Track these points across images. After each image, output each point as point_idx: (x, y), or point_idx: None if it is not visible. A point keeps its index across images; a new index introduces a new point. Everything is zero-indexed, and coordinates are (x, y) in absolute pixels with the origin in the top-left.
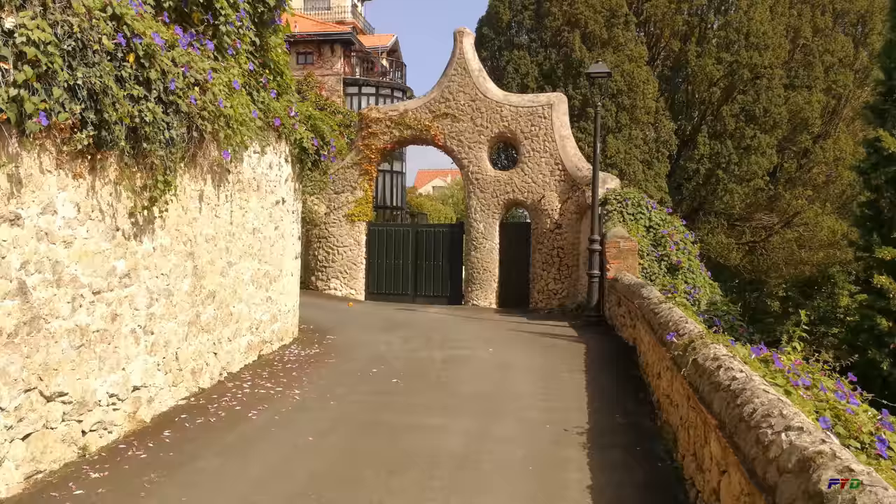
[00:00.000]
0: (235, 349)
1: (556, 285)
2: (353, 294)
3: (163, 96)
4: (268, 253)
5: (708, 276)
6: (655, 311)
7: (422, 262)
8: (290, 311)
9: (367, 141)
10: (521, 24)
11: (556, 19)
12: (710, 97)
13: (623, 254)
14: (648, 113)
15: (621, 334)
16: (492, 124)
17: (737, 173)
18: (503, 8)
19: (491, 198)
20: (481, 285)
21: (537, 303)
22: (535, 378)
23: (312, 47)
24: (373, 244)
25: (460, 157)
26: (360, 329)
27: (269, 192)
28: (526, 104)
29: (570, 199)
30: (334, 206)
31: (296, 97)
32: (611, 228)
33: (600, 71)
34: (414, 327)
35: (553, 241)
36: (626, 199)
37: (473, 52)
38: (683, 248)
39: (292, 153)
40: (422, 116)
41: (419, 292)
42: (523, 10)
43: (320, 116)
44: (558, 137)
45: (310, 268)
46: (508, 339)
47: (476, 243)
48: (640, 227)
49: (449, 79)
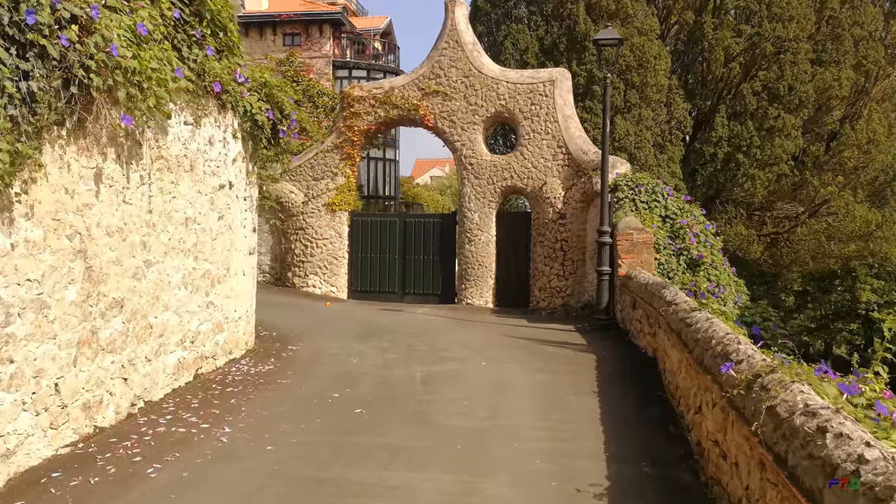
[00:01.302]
0: (158, 371)
1: (559, 282)
2: (335, 292)
3: (14, 33)
4: (208, 248)
5: (732, 272)
6: (688, 323)
7: (411, 257)
8: (243, 317)
9: (350, 122)
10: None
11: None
12: (728, 74)
13: (637, 247)
14: (660, 91)
15: (637, 342)
16: (487, 103)
17: (759, 157)
18: None
19: (487, 185)
20: (476, 282)
21: (538, 302)
22: (537, 404)
23: (299, 28)
24: (356, 236)
25: (452, 139)
26: (331, 336)
27: (210, 174)
28: (525, 81)
29: (574, 186)
30: (313, 193)
31: (245, 59)
32: (622, 218)
33: (610, 38)
34: (396, 333)
35: (556, 232)
36: (639, 186)
37: (467, 24)
38: (705, 241)
39: (243, 128)
40: (410, 94)
41: (407, 290)
42: None
43: (278, 84)
44: (561, 117)
45: (286, 262)
46: (505, 347)
47: (470, 235)
48: (656, 217)
49: (440, 53)
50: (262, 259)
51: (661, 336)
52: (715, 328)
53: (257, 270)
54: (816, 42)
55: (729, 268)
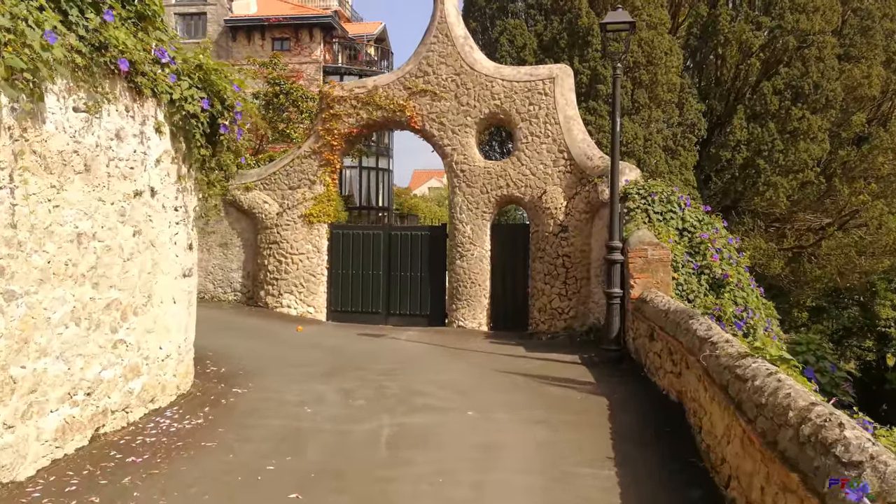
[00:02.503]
0: (25, 439)
1: (561, 302)
2: (312, 313)
3: None
4: (116, 272)
5: (760, 292)
6: (741, 376)
7: (396, 274)
8: (173, 355)
9: (329, 125)
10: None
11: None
12: (747, 71)
13: (652, 265)
14: (672, 90)
15: (656, 380)
16: (480, 103)
17: (781, 163)
18: None
19: (480, 194)
20: (468, 302)
21: (538, 324)
22: (536, 482)
23: (289, 32)
24: (336, 251)
25: (442, 143)
26: (291, 373)
27: (120, 178)
28: (523, 78)
29: (578, 195)
30: (289, 204)
31: (171, 35)
32: (633, 232)
33: (620, 21)
34: (370, 367)
35: (557, 246)
36: (652, 194)
37: (458, 15)
38: (729, 258)
39: (171, 121)
40: (395, 94)
41: (393, 310)
42: None
43: (216, 67)
44: (563, 119)
45: (258, 280)
46: (498, 388)
47: (462, 249)
48: (671, 231)
49: (428, 48)
50: (233, 276)
51: (691, 379)
52: (789, 391)
53: (228, 288)
54: (843, 36)
55: (757, 288)
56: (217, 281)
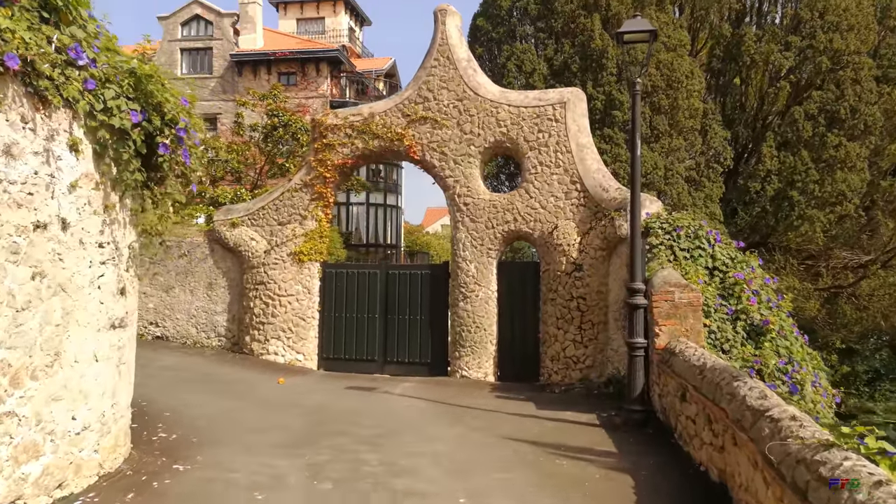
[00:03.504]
0: None
1: (576, 350)
2: (301, 361)
3: None
4: (5, 325)
5: (805, 341)
6: (828, 481)
7: (394, 317)
8: (93, 426)
9: (322, 155)
10: (525, 10)
11: (570, 2)
12: (775, 94)
13: (680, 310)
14: (694, 116)
15: (691, 451)
16: (485, 131)
17: (817, 195)
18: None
19: (485, 229)
20: (473, 349)
21: (551, 374)
22: None
23: (295, 66)
24: (329, 292)
25: (443, 174)
26: (254, 441)
27: (8, 206)
28: (531, 103)
29: (593, 230)
30: (277, 240)
31: (92, 32)
32: (657, 271)
33: (639, 29)
34: (351, 433)
35: (571, 287)
36: (677, 229)
37: (461, 37)
38: (768, 301)
39: (93, 137)
40: (393, 122)
41: (390, 358)
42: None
43: (150, 73)
44: (575, 147)
45: (244, 324)
46: (500, 464)
47: (465, 290)
48: (700, 270)
49: (428, 72)
50: (217, 320)
51: (740, 460)
52: None
53: (212, 333)
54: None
55: (801, 336)
56: (200, 325)
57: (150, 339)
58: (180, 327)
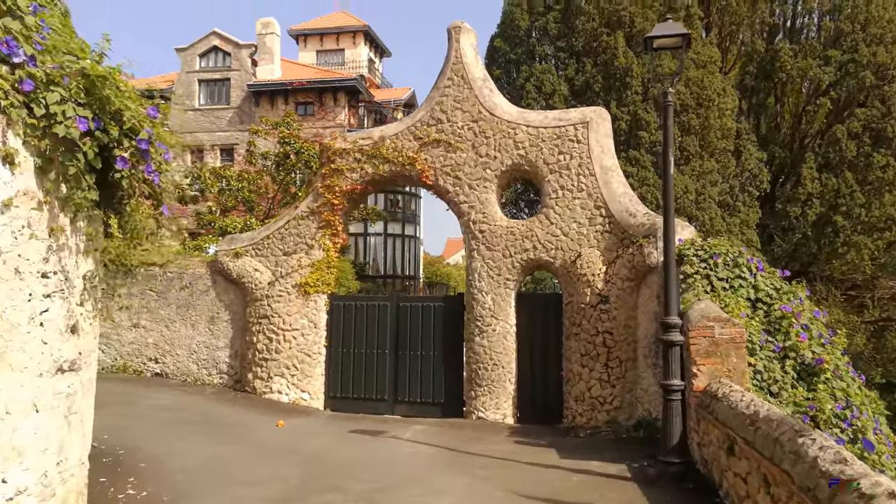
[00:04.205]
0: None
1: (602, 390)
2: (306, 400)
3: None
4: None
5: (863, 382)
6: None
7: (405, 352)
8: (31, 489)
9: (330, 181)
10: (545, 30)
11: (592, 20)
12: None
13: (721, 348)
14: (727, 137)
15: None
16: (502, 153)
17: (864, 219)
18: (520, 12)
19: (502, 258)
20: (490, 388)
21: (575, 416)
22: None
23: (313, 96)
24: (336, 326)
25: (457, 199)
26: (237, 497)
27: None
28: (550, 124)
29: (619, 259)
30: (283, 271)
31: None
32: (693, 304)
33: (671, 34)
34: (347, 489)
35: (596, 321)
36: (714, 256)
37: (476, 55)
38: (819, 337)
39: (35, 148)
40: (404, 145)
41: (401, 397)
42: (547, 12)
43: (103, 75)
44: (599, 169)
45: (246, 360)
46: None
47: (481, 324)
48: (741, 301)
49: (441, 92)
50: (219, 356)
51: None
52: None
53: (214, 370)
54: None
55: (858, 377)
56: (201, 361)
57: (150, 376)
58: (181, 363)
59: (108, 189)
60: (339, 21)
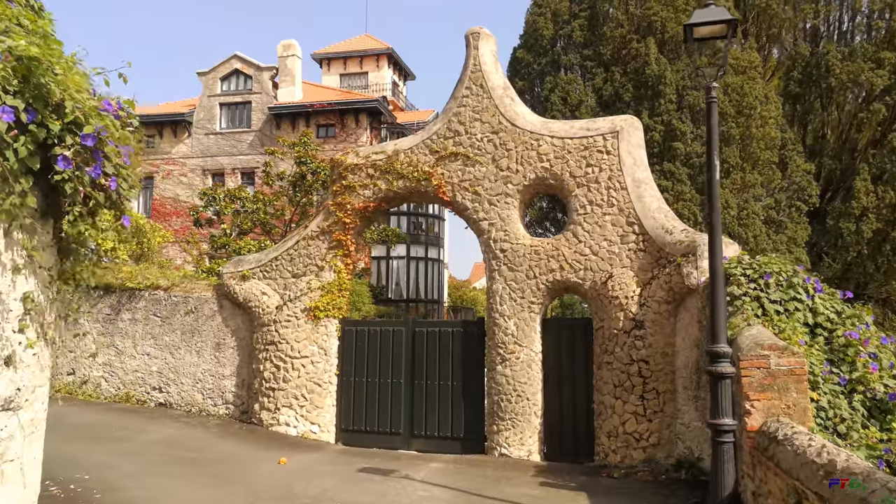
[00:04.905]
0: None
1: (638, 425)
2: (316, 433)
3: None
4: None
5: None
6: None
7: (422, 382)
8: None
9: (341, 199)
10: (570, 38)
11: (620, 26)
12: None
13: (778, 381)
14: (770, 147)
15: None
16: (524, 166)
17: None
18: (544, 21)
19: (526, 279)
20: (514, 421)
21: (607, 453)
22: None
23: (334, 118)
24: (348, 353)
25: (477, 216)
26: None
27: None
28: (577, 134)
29: (655, 280)
30: (291, 295)
31: None
32: (742, 329)
33: (716, 20)
34: None
35: (630, 348)
36: (765, 276)
37: (495, 63)
38: (890, 368)
39: None
40: (420, 159)
41: (417, 431)
42: (572, 20)
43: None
44: (631, 182)
45: (253, 390)
46: None
47: (504, 351)
48: (798, 327)
49: (459, 102)
50: (224, 385)
51: None
52: None
53: (219, 400)
54: None
55: None
56: (206, 391)
57: (153, 406)
58: (185, 393)
59: (56, 195)
60: (362, 44)
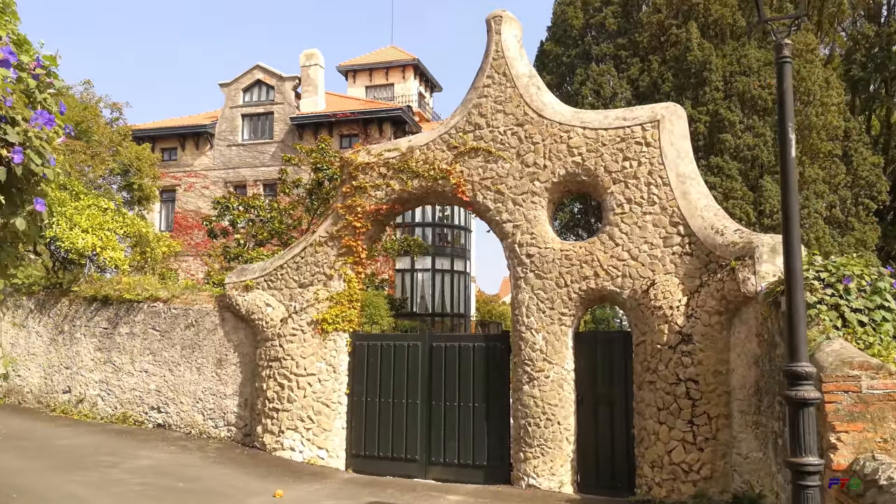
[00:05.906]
0: None
1: (686, 454)
2: (323, 459)
3: None
4: None
5: None
6: None
7: (440, 403)
8: None
9: (351, 201)
10: (602, 26)
11: (658, 11)
12: None
13: (872, 407)
14: (833, 138)
15: None
16: (553, 162)
17: None
18: (573, 10)
19: (556, 288)
20: (543, 448)
21: (650, 486)
22: None
23: (357, 128)
24: (360, 370)
25: (500, 218)
26: None
27: None
28: (612, 125)
29: (704, 287)
30: (298, 306)
31: None
32: (820, 344)
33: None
34: None
35: (677, 366)
36: (844, 280)
37: (520, 49)
38: None
39: None
40: (436, 156)
41: (435, 457)
42: (604, 7)
43: None
44: (674, 177)
45: (256, 411)
46: None
47: (531, 369)
48: (889, 341)
49: (480, 93)
50: (226, 404)
51: None
52: None
53: (221, 421)
54: None
55: None
56: (207, 411)
57: (151, 428)
58: (185, 413)
59: None
60: (388, 56)
